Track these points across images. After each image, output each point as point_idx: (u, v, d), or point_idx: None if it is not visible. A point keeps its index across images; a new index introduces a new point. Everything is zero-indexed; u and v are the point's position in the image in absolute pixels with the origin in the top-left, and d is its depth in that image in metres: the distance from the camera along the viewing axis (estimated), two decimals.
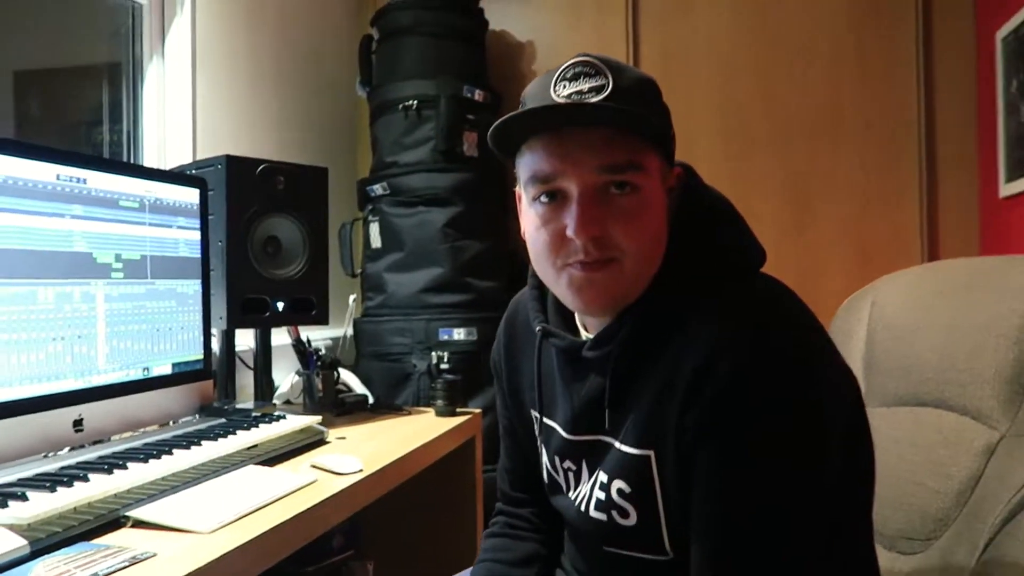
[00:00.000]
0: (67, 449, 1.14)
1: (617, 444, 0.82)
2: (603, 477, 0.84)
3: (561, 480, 0.93)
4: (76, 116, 2.04)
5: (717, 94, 2.43)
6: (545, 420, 0.94)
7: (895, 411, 1.08)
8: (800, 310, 0.77)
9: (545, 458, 0.96)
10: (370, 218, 2.22)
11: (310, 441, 1.34)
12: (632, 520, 0.81)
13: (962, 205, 2.27)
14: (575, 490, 0.90)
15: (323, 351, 1.81)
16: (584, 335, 0.88)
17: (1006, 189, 2.02)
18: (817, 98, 2.36)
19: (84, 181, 1.16)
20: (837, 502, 0.77)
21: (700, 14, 2.44)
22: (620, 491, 0.82)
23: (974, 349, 0.98)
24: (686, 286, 0.79)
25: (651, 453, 0.78)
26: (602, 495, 0.84)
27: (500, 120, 0.77)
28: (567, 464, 0.91)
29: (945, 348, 1.02)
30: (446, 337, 2.05)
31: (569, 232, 0.76)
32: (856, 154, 2.34)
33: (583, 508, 0.87)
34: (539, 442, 0.97)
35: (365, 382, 2.02)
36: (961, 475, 0.95)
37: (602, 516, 0.84)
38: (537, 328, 0.90)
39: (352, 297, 2.28)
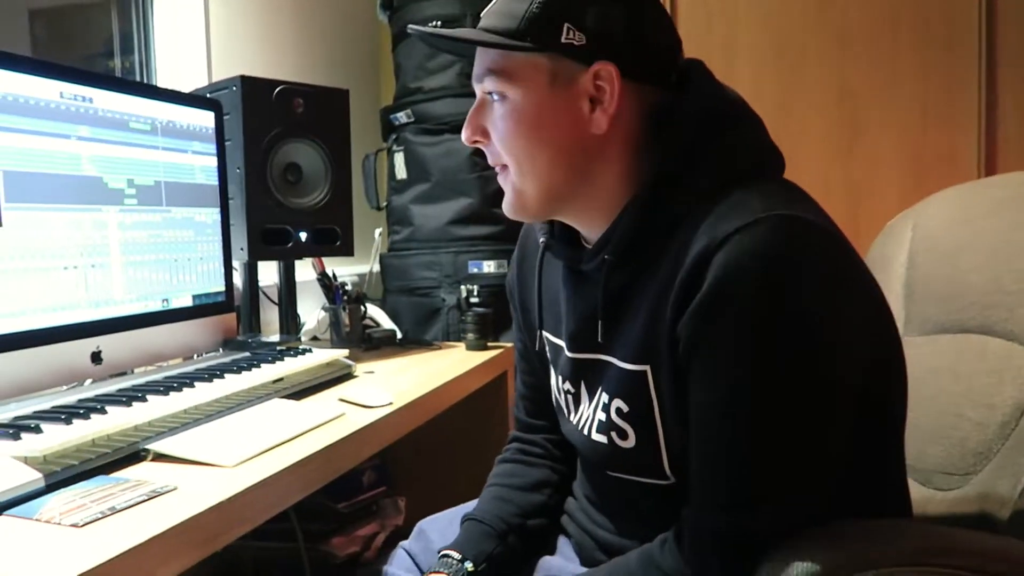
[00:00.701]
0: (88, 382, 1.10)
1: (614, 360, 0.79)
2: (604, 397, 0.81)
3: (563, 402, 0.91)
4: (90, 50, 2.00)
5: (763, 3, 2.26)
6: (551, 337, 0.92)
7: (935, 339, 1.00)
8: (812, 212, 0.70)
9: (553, 379, 0.93)
10: (394, 148, 2.13)
11: (337, 375, 1.30)
12: (631, 442, 0.78)
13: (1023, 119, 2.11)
14: (576, 413, 0.87)
15: (349, 286, 1.75)
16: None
17: None
18: (875, 4, 2.18)
19: (91, 100, 1.09)
20: (854, 427, 0.70)
21: None
22: (619, 410, 0.79)
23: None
24: (684, 191, 0.74)
25: (647, 368, 0.75)
26: (603, 416, 0.81)
27: (425, 36, 0.84)
28: (567, 386, 0.89)
29: (991, 269, 0.93)
30: (475, 270, 1.97)
31: None
32: (912, 64, 2.17)
33: (585, 431, 0.84)
34: (548, 363, 0.94)
35: (393, 317, 1.97)
36: (1005, 405, 0.87)
37: (603, 438, 0.81)
38: (540, 240, 0.89)
39: (378, 231, 2.21)
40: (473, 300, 1.83)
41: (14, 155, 0.97)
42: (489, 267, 1.97)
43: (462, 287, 1.91)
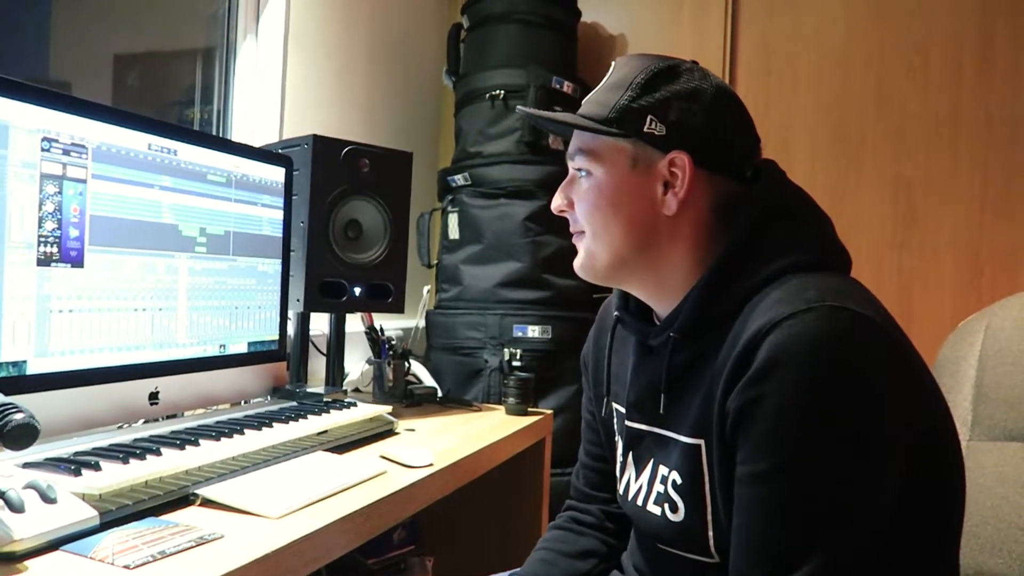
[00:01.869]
0: (141, 421, 1.14)
1: (673, 434, 0.83)
2: (663, 470, 0.85)
3: (621, 471, 0.95)
4: (170, 97, 2.10)
5: (824, 92, 2.29)
6: (617, 407, 0.96)
7: (1003, 446, 0.98)
8: (864, 305, 0.72)
9: (619, 449, 0.97)
10: (449, 208, 2.19)
11: (380, 431, 1.31)
12: (680, 515, 0.81)
13: None
14: (635, 482, 0.90)
15: (395, 340, 1.78)
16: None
17: None
18: (934, 97, 2.19)
19: (175, 152, 1.16)
20: (892, 524, 0.70)
21: (807, 6, 2.31)
22: (674, 483, 0.82)
23: None
24: (747, 278, 0.78)
25: (701, 442, 0.78)
26: (661, 488, 0.84)
27: (532, 117, 0.93)
28: (629, 455, 0.92)
29: None
30: (520, 334, 1.99)
31: None
32: (973, 158, 2.16)
33: (640, 502, 0.88)
34: (615, 432, 0.98)
35: (435, 375, 1.99)
36: None
37: (657, 510, 0.84)
38: (615, 313, 0.97)
39: (426, 288, 2.25)
40: (516, 364, 1.85)
41: (103, 201, 1.03)
42: (534, 332, 1.99)
43: (506, 350, 1.93)
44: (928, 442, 0.74)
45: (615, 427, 0.99)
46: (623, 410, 0.94)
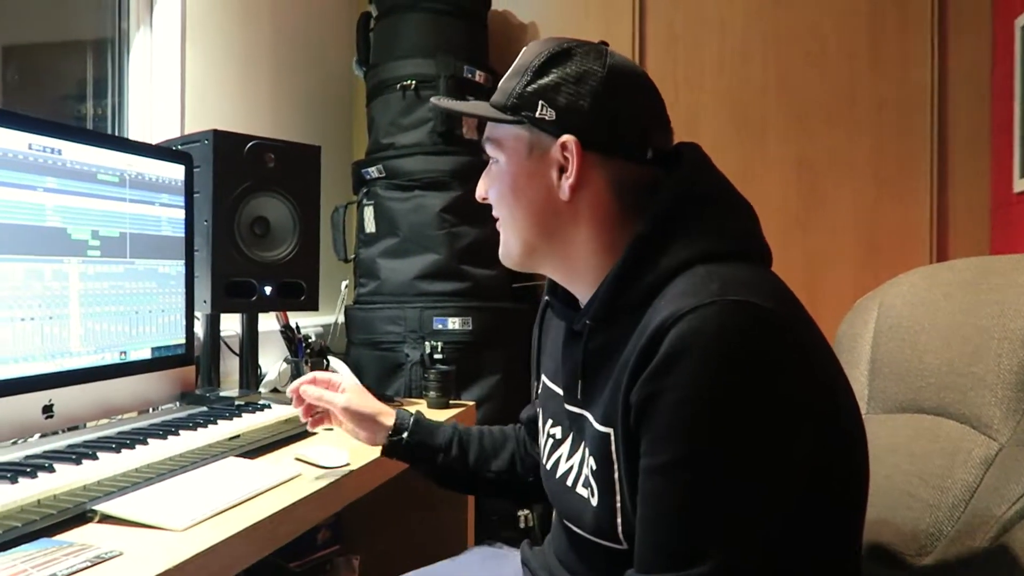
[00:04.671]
0: (37, 436, 1.08)
1: (591, 419, 0.83)
2: (585, 453, 0.84)
3: (544, 446, 0.96)
4: (62, 91, 1.99)
5: (727, 77, 2.35)
6: (550, 384, 0.97)
7: (894, 418, 1.03)
8: (769, 298, 0.72)
9: (540, 422, 0.99)
10: (364, 201, 2.15)
11: (295, 432, 1.28)
12: (596, 500, 0.81)
13: (974, 198, 2.20)
14: (565, 462, 0.90)
15: (312, 338, 1.74)
16: None
17: (1020, 184, 1.96)
18: (831, 81, 2.28)
19: (59, 152, 1.09)
20: (795, 515, 0.71)
21: None
22: (591, 467, 0.82)
23: (976, 352, 0.92)
24: (660, 265, 0.78)
25: (611, 431, 0.78)
26: (585, 471, 0.84)
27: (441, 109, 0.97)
28: (555, 431, 0.93)
29: (947, 351, 0.96)
30: (440, 326, 1.98)
31: None
32: (868, 140, 2.27)
33: (569, 483, 0.88)
34: (542, 410, 1.00)
35: (356, 371, 1.95)
36: (956, 487, 0.89)
37: (584, 492, 0.84)
38: (544, 298, 0.99)
39: (344, 283, 2.21)
40: (437, 356, 1.83)
41: None
42: (454, 323, 1.98)
43: (426, 343, 1.91)
44: (830, 438, 0.75)
45: (541, 401, 1.00)
46: (557, 389, 0.94)
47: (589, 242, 0.85)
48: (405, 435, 1.07)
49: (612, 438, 0.78)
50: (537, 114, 0.82)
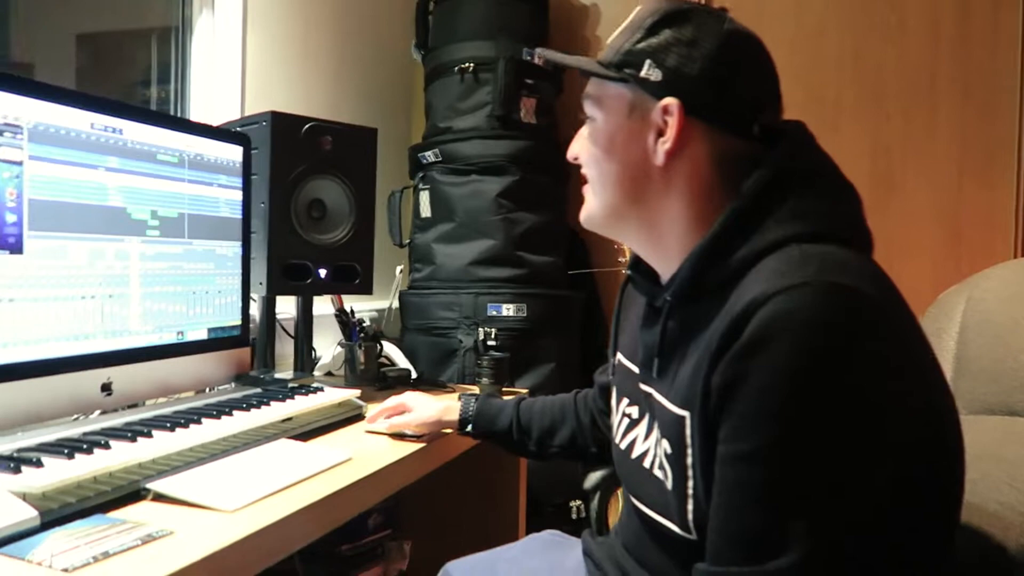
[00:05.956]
0: (97, 413, 1.09)
1: (664, 401, 0.80)
2: (659, 435, 0.81)
3: (618, 424, 0.93)
4: (131, 77, 2.04)
5: (799, 56, 2.24)
6: (625, 362, 0.94)
7: (982, 420, 0.96)
8: (868, 282, 0.67)
9: (614, 401, 0.96)
10: (420, 186, 2.14)
11: (348, 415, 1.27)
12: (670, 484, 0.77)
13: None
14: (642, 443, 0.87)
15: (367, 322, 1.74)
16: None
17: None
18: (912, 58, 2.15)
19: (120, 131, 1.10)
20: (886, 517, 0.66)
21: None
22: (665, 450, 0.79)
23: None
24: (750, 244, 0.74)
25: (687, 414, 0.74)
26: (659, 454, 0.81)
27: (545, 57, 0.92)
28: (631, 410, 0.91)
29: None
30: (495, 313, 1.95)
31: None
32: (950, 123, 2.13)
33: (647, 464, 0.84)
34: (615, 387, 0.98)
35: (409, 356, 1.95)
36: None
37: (660, 475, 0.80)
38: (626, 272, 0.94)
39: (399, 268, 2.21)
40: (490, 343, 1.81)
41: (42, 184, 0.97)
42: (508, 310, 1.96)
43: (480, 329, 1.89)
44: (926, 434, 0.69)
45: (616, 379, 0.97)
46: (633, 367, 0.91)
47: (679, 213, 0.81)
48: (469, 428, 1.21)
49: (688, 421, 0.74)
50: (643, 73, 0.79)
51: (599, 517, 2.02)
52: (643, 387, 0.87)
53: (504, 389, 1.64)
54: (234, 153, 1.34)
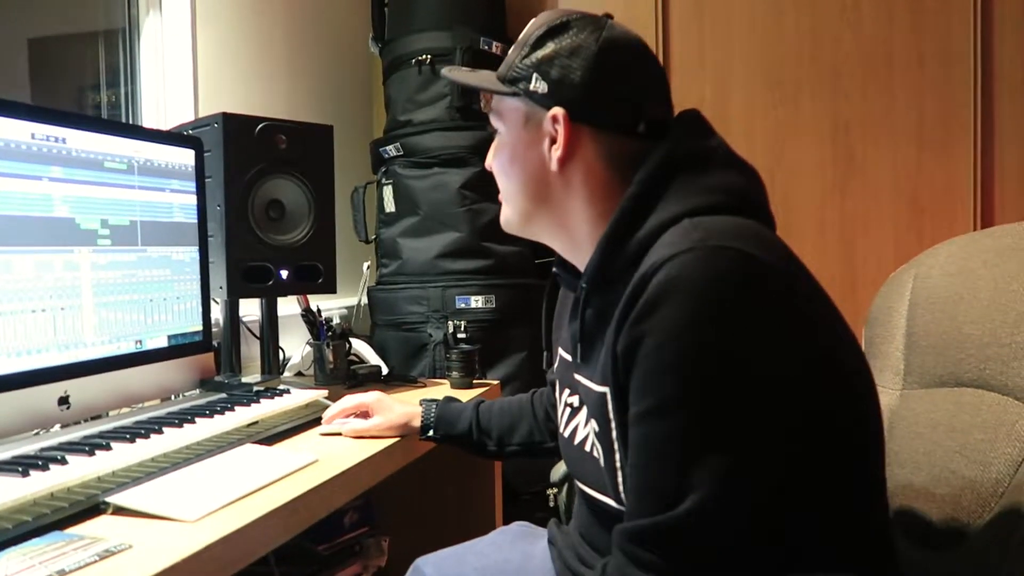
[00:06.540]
0: (57, 426, 1.08)
1: (588, 382, 0.85)
2: (586, 413, 0.87)
3: (563, 414, 0.96)
4: (79, 81, 2.00)
5: (758, 37, 2.25)
6: (564, 354, 0.98)
7: (933, 393, 0.98)
8: (755, 245, 0.71)
9: (558, 391, 1.00)
10: (383, 181, 2.12)
11: (314, 417, 1.26)
12: (602, 462, 0.82)
13: (1020, 155, 2.09)
14: (583, 429, 0.90)
15: (335, 321, 1.73)
16: None
17: None
18: (868, 35, 2.17)
19: (64, 140, 1.08)
20: (786, 458, 0.69)
21: None
22: (593, 430, 0.84)
23: (1019, 321, 0.87)
24: (649, 224, 0.78)
25: (607, 390, 0.78)
26: (589, 433, 0.86)
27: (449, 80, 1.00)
28: (573, 399, 0.94)
29: (988, 321, 0.91)
30: (463, 305, 1.95)
31: None
32: (908, 98, 2.15)
33: (587, 448, 0.88)
34: (555, 379, 1.02)
35: (380, 353, 1.94)
36: (999, 462, 0.84)
37: (595, 454, 0.84)
38: (553, 270, 0.99)
39: (366, 264, 2.19)
40: (460, 336, 1.80)
41: None
42: (477, 302, 1.95)
43: (449, 322, 1.89)
44: (823, 383, 0.72)
45: (556, 370, 1.02)
46: (570, 359, 0.94)
47: (583, 212, 0.87)
48: (431, 433, 1.22)
49: (608, 397, 0.78)
50: (532, 86, 0.84)
51: (568, 508, 2.04)
52: (575, 375, 0.91)
53: (475, 381, 1.63)
54: (186, 157, 1.31)
